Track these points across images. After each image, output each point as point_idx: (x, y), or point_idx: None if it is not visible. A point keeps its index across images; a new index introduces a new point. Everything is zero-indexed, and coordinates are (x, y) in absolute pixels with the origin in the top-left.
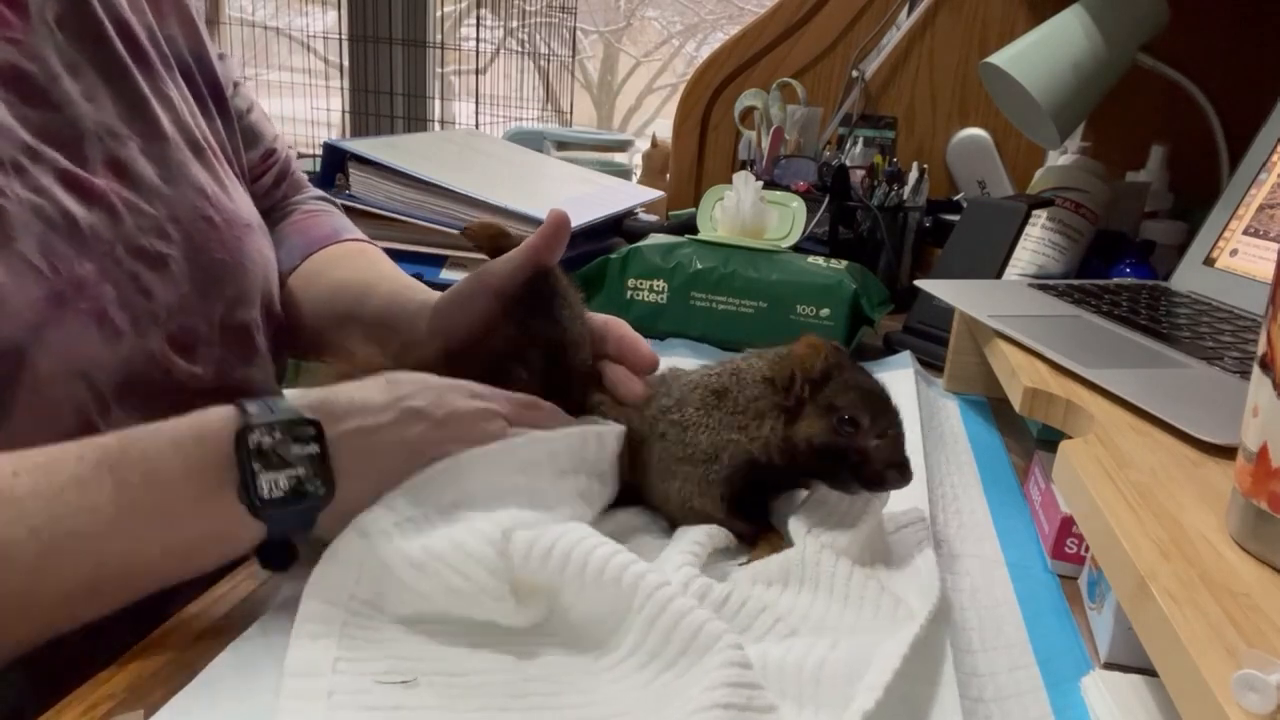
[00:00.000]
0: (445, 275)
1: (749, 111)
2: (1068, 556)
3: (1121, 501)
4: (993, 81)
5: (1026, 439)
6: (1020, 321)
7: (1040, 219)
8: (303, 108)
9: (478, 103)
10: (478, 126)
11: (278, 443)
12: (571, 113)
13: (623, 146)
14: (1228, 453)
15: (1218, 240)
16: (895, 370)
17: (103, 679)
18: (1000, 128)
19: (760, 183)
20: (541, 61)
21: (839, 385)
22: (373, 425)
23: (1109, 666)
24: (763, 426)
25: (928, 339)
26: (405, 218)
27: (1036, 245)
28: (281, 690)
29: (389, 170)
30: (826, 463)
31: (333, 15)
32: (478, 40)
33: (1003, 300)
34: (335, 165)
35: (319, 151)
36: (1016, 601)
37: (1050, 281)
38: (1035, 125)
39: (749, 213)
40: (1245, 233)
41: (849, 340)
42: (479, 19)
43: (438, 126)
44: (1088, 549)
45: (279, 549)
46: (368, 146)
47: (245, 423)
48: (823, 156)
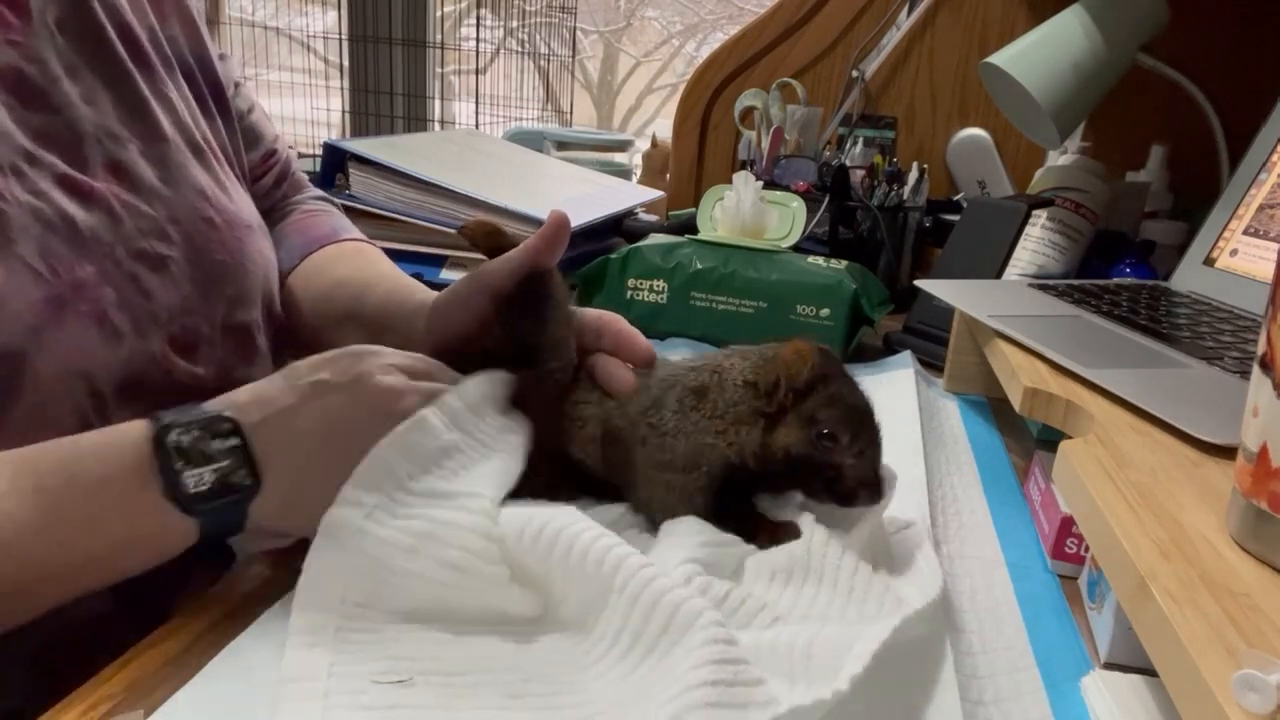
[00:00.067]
0: (445, 275)
1: (749, 111)
2: (1068, 556)
3: (1121, 501)
4: (993, 81)
5: (1026, 439)
6: (1020, 321)
7: (1040, 219)
8: (303, 108)
9: (478, 103)
10: (478, 126)
11: (196, 439)
12: (571, 113)
13: (623, 146)
14: (1228, 453)
15: (1218, 240)
16: (895, 370)
17: (103, 679)
18: (1000, 128)
19: (760, 183)
20: (541, 61)
21: (823, 398)
22: (284, 407)
23: (1109, 666)
24: (740, 431)
25: (928, 339)
26: (405, 218)
27: (1036, 245)
28: (278, 695)
29: (389, 170)
30: (800, 473)
31: (333, 15)
32: (478, 40)
33: (1003, 300)
34: (335, 165)
35: (319, 151)
36: (1016, 602)
37: (1050, 281)
38: (1035, 125)
39: (749, 213)
40: (1245, 233)
41: (849, 340)
42: (479, 19)
43: (438, 126)
44: (1088, 549)
45: (213, 549)
46: (368, 146)
47: (161, 424)
48: (823, 156)
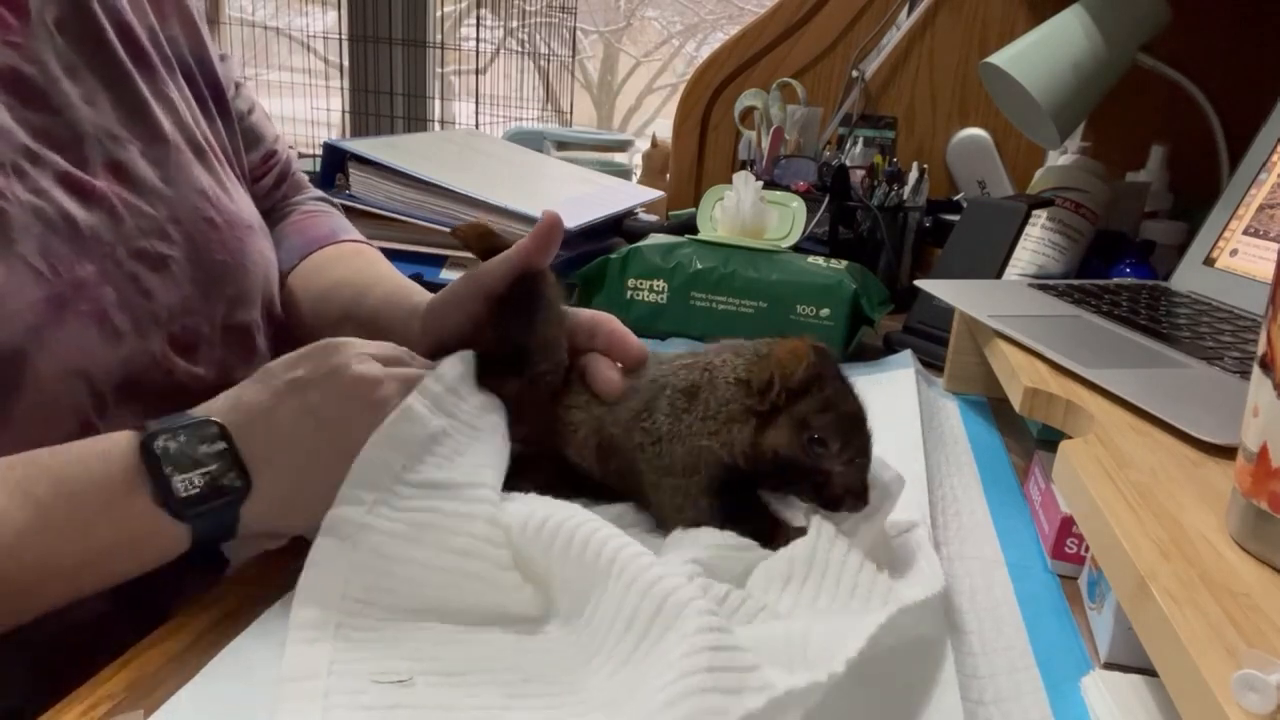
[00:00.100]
0: (445, 275)
1: (749, 111)
2: (1068, 556)
3: (1121, 501)
4: (993, 81)
5: (1026, 439)
6: (1020, 321)
7: (1040, 219)
8: (303, 108)
9: (478, 103)
10: (478, 126)
11: (184, 444)
12: (571, 113)
13: (623, 146)
14: (1228, 453)
15: (1218, 240)
16: (896, 370)
17: (103, 679)
18: (1000, 128)
19: (760, 183)
20: (541, 61)
21: (817, 402)
22: (266, 408)
23: (1109, 666)
24: (731, 429)
25: (928, 339)
26: (405, 218)
27: (1036, 245)
28: (278, 694)
29: (389, 170)
30: (787, 474)
31: (333, 15)
32: (478, 40)
33: (1003, 300)
34: (335, 165)
35: (319, 151)
36: (1016, 602)
37: (1050, 281)
38: (1035, 125)
39: (749, 213)
40: (1245, 233)
41: (849, 340)
42: (479, 19)
43: (438, 126)
44: (1088, 549)
45: (206, 554)
46: (368, 146)
47: (148, 431)
48: (823, 156)
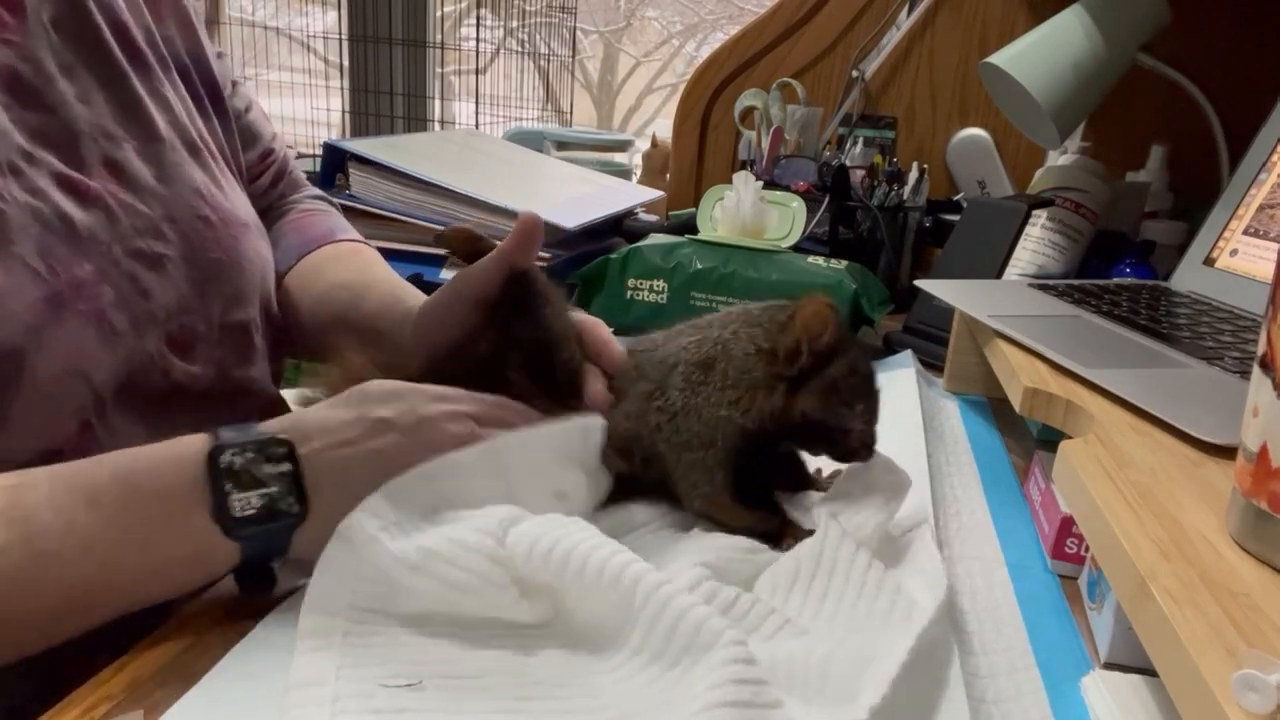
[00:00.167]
0: (445, 275)
1: (749, 111)
2: (1068, 556)
3: (1121, 501)
4: (993, 81)
5: (1026, 439)
6: (1020, 321)
7: (1040, 219)
8: (303, 108)
9: (478, 103)
10: (478, 126)
11: (249, 462)
12: (571, 113)
13: (623, 146)
14: (1228, 453)
15: (1218, 240)
16: (896, 370)
17: (103, 679)
18: (1000, 128)
19: (760, 183)
20: (541, 61)
21: (845, 366)
22: (343, 439)
23: (1109, 666)
24: (756, 398)
25: (928, 339)
26: (405, 218)
27: (1036, 245)
28: (286, 700)
29: (389, 170)
30: (808, 432)
31: (333, 15)
32: (478, 40)
33: (1003, 300)
34: (335, 165)
35: (319, 151)
36: (1017, 602)
37: (1050, 281)
38: (1035, 125)
39: (749, 213)
40: (1245, 233)
41: None
42: (479, 19)
43: (438, 126)
44: (1088, 549)
45: (256, 572)
46: (368, 146)
47: (217, 443)
48: (823, 156)
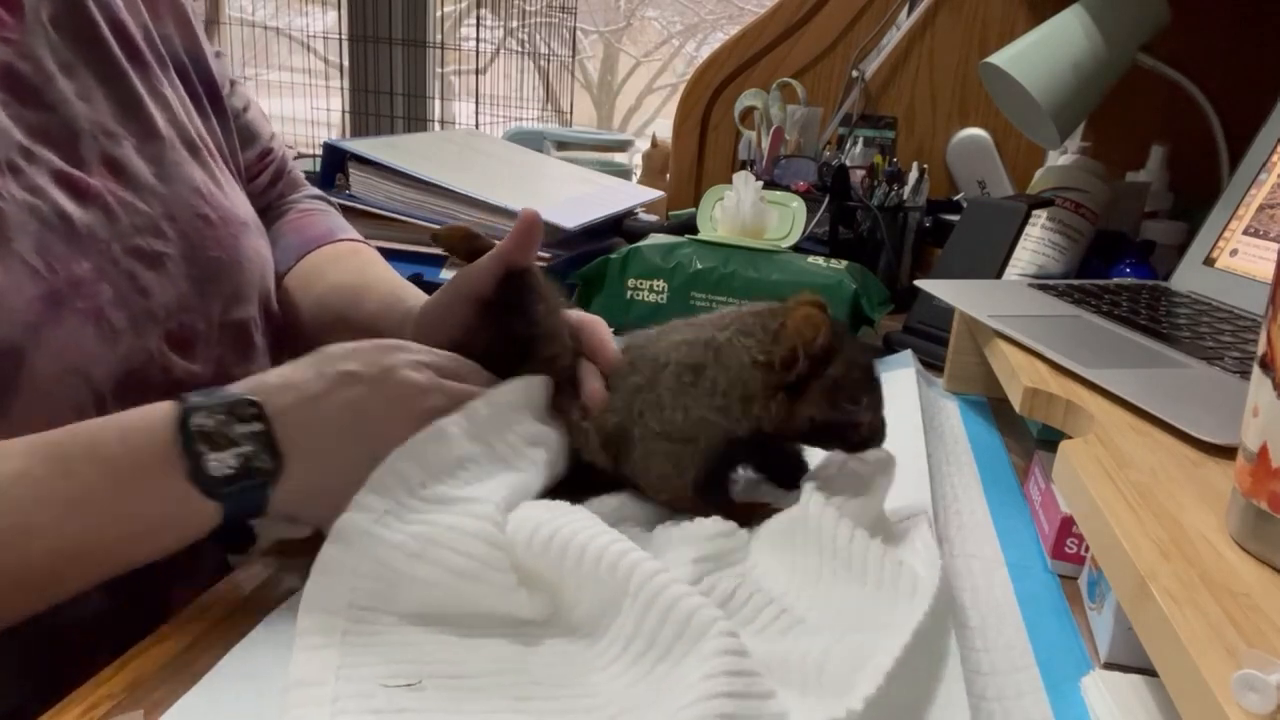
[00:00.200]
0: (445, 275)
1: (749, 111)
2: (1068, 556)
3: (1121, 501)
4: (993, 81)
5: (1026, 439)
6: (1020, 321)
7: (1040, 219)
8: (303, 108)
9: (478, 103)
10: (478, 126)
11: (221, 424)
12: (571, 113)
13: (623, 146)
14: (1228, 453)
15: (1218, 240)
16: (896, 370)
17: (103, 679)
18: (1000, 128)
19: (760, 183)
20: (541, 61)
21: (843, 364)
22: (311, 394)
23: (1109, 666)
24: (751, 409)
25: (928, 339)
26: (405, 218)
27: (1036, 245)
28: (285, 700)
29: (389, 170)
30: (816, 433)
31: (333, 15)
32: (478, 40)
33: (1003, 300)
34: (335, 165)
35: (319, 151)
36: (1017, 602)
37: (1050, 281)
38: (1035, 125)
39: (749, 213)
40: (1245, 233)
41: None
42: (479, 19)
43: (438, 126)
44: (1088, 549)
45: (238, 530)
46: (368, 146)
47: (186, 407)
48: (823, 156)
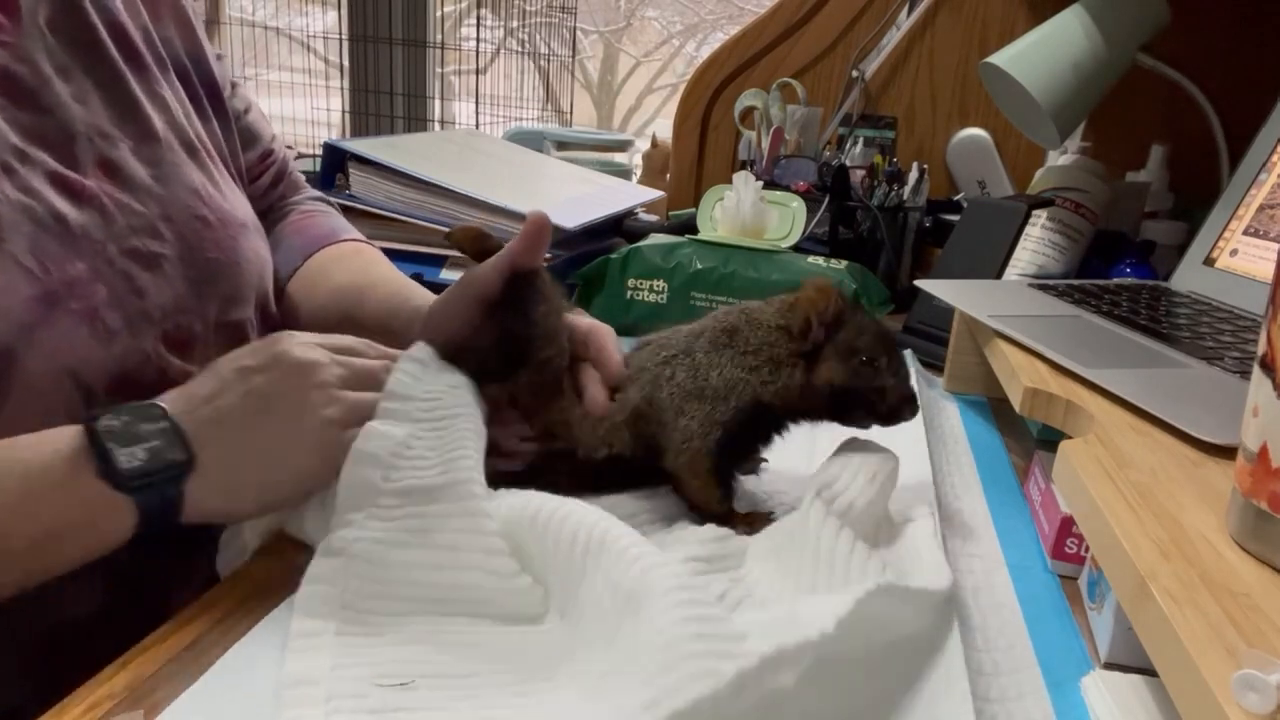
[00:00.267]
0: (445, 275)
1: (749, 111)
2: (1068, 556)
3: (1121, 501)
4: (993, 81)
5: (1026, 439)
6: (1020, 321)
7: (1040, 219)
8: (303, 108)
9: (478, 103)
10: (478, 126)
11: (126, 424)
12: (571, 113)
13: (623, 146)
14: (1228, 453)
15: (1218, 240)
16: None
17: (103, 679)
18: (1000, 128)
19: (760, 183)
20: (541, 61)
21: (855, 327)
22: (210, 393)
23: (1109, 666)
24: (779, 374)
25: (928, 339)
26: (405, 218)
27: (1036, 245)
28: (279, 699)
29: (389, 170)
30: (842, 402)
31: (333, 15)
32: (478, 40)
33: (1003, 300)
34: (335, 165)
35: (319, 151)
36: (1017, 602)
37: (1050, 281)
38: (1035, 125)
39: (749, 213)
40: (1245, 233)
41: None
42: (479, 19)
43: (438, 126)
44: (1088, 549)
45: (158, 529)
46: (368, 146)
47: (92, 414)
48: (823, 156)
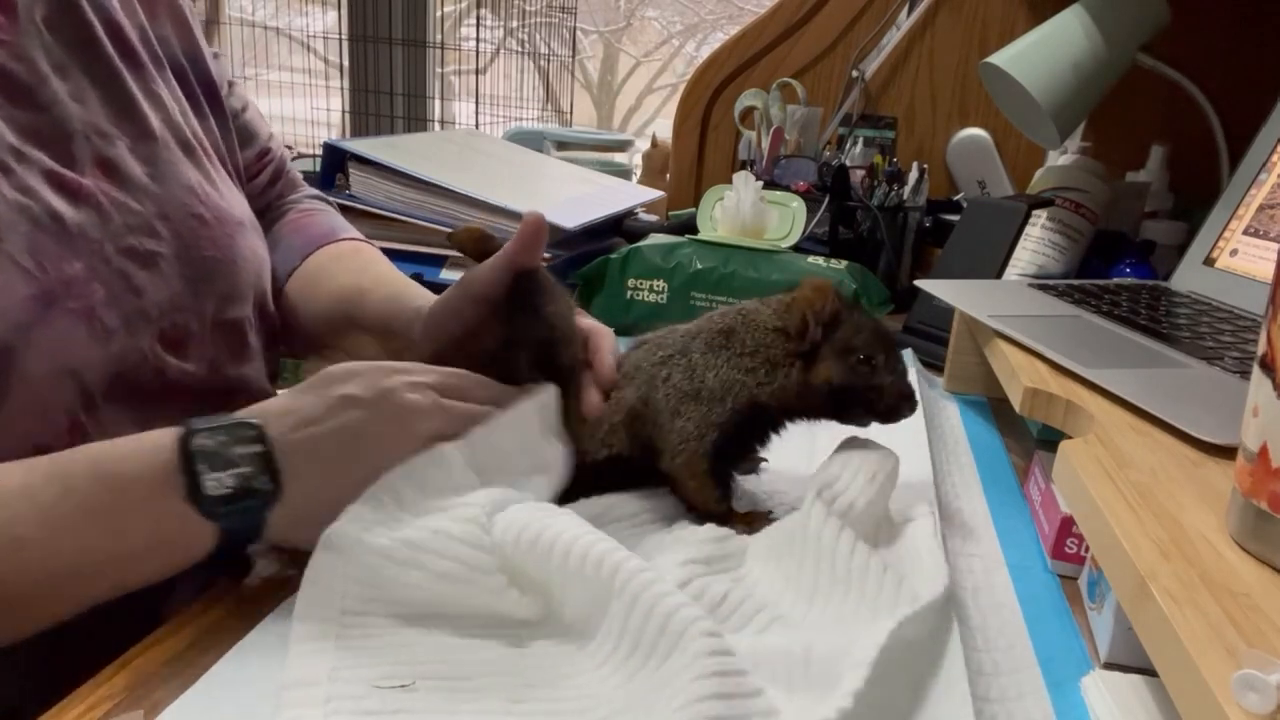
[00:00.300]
0: (445, 275)
1: (749, 111)
2: (1068, 556)
3: (1121, 501)
4: (993, 81)
5: (1026, 439)
6: (1020, 321)
7: (1040, 219)
8: (303, 108)
9: (478, 103)
10: (478, 126)
11: (221, 444)
12: (571, 113)
13: (623, 146)
14: (1228, 453)
15: (1218, 240)
16: None
17: (103, 679)
18: (1000, 128)
19: (760, 183)
20: (541, 61)
21: (852, 326)
22: (310, 417)
23: (1109, 666)
24: (776, 375)
25: (928, 339)
26: (405, 218)
27: (1036, 245)
28: (279, 701)
29: (389, 170)
30: (840, 400)
31: (333, 15)
32: (478, 40)
33: (1003, 300)
34: (335, 165)
35: (319, 151)
36: (1017, 602)
37: (1050, 281)
38: (1035, 125)
39: (749, 213)
40: (1245, 233)
41: None
42: (479, 19)
43: (438, 126)
44: (1088, 549)
45: (234, 554)
46: (368, 146)
47: (189, 429)
48: (823, 156)
